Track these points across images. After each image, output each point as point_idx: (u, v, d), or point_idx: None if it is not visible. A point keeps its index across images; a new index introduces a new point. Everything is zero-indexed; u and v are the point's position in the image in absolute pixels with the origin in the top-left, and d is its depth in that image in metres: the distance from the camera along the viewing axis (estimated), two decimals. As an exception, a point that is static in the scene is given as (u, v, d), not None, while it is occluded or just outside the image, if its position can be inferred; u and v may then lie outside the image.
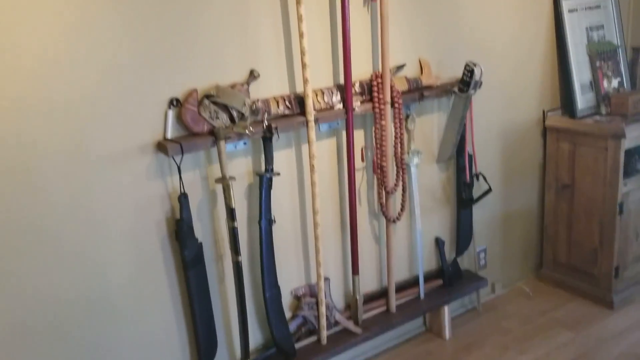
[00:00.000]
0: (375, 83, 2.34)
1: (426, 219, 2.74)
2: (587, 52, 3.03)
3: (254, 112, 2.08)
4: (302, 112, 2.17)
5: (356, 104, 2.30)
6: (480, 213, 2.94)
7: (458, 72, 2.54)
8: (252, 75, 2.07)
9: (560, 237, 3.14)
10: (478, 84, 2.50)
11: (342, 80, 2.28)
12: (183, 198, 1.96)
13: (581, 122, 2.93)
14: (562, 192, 3.06)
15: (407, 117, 2.53)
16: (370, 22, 2.36)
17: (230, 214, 2.04)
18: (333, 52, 2.28)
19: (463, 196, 2.78)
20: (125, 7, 1.80)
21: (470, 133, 2.68)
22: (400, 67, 2.46)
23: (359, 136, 2.43)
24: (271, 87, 2.16)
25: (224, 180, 2.01)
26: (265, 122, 2.07)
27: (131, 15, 1.82)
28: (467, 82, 2.48)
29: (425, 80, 2.52)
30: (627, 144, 2.75)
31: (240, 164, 2.15)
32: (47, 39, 1.70)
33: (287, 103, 2.16)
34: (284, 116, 2.16)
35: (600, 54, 3.07)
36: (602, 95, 3.04)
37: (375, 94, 2.34)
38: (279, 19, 2.11)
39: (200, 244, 2.04)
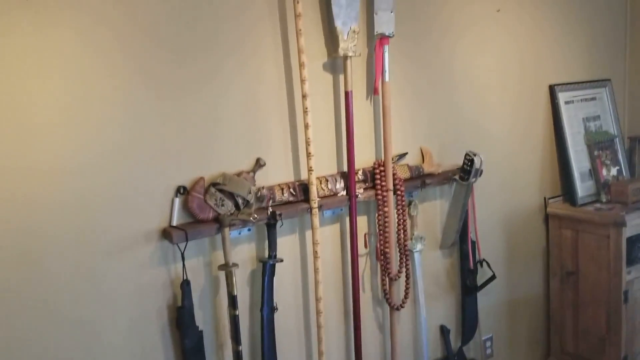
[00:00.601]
0: (377, 171, 2.39)
1: (431, 307, 2.71)
2: (584, 141, 3.11)
3: (259, 199, 2.12)
4: (307, 198, 2.21)
5: (359, 191, 2.34)
6: (485, 300, 2.90)
7: (459, 160, 2.60)
8: (258, 164, 2.13)
9: (567, 325, 3.08)
10: (478, 173, 2.55)
11: (345, 168, 2.34)
12: (185, 285, 1.96)
13: (582, 209, 2.96)
14: (566, 279, 3.03)
15: (410, 203, 2.56)
16: (373, 113, 2.45)
17: (232, 301, 2.03)
18: (337, 141, 2.35)
19: (467, 283, 2.76)
20: (136, 97, 1.89)
21: (472, 220, 2.70)
22: (402, 156, 2.53)
23: (362, 222, 2.46)
24: (276, 174, 2.21)
25: (226, 267, 2.02)
26: (270, 208, 2.11)
27: (142, 105, 1.90)
28: (467, 170, 2.53)
29: (427, 168, 2.57)
30: (628, 232, 2.76)
31: (243, 250, 2.16)
32: (58, 129, 1.77)
33: (291, 190, 2.20)
34: (288, 203, 2.19)
35: (598, 144, 3.15)
36: (601, 184, 3.08)
37: (378, 182, 2.38)
38: (285, 110, 2.20)
39: (201, 332, 2.01)
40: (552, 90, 3.05)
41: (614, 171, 3.19)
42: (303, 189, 2.22)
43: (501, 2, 2.81)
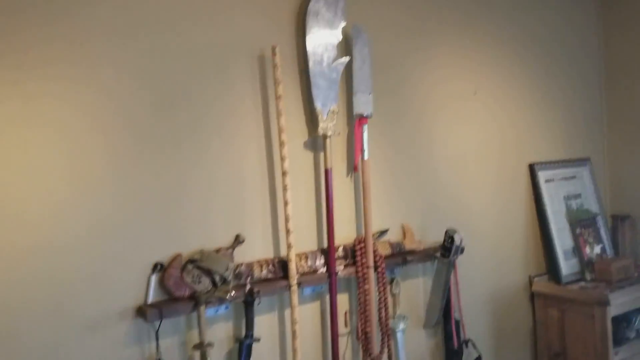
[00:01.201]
0: (358, 247, 2.39)
1: (415, 389, 2.63)
2: (566, 219, 3.14)
3: (237, 276, 2.10)
4: (286, 276, 2.19)
5: (339, 267, 2.33)
6: (472, 382, 2.82)
7: (441, 237, 2.61)
8: (237, 240, 2.13)
9: (558, 409, 2.98)
10: (459, 250, 2.56)
11: (326, 245, 2.34)
12: (158, 366, 1.91)
13: (567, 288, 2.94)
14: (555, 360, 2.97)
15: (392, 281, 2.55)
16: (354, 190, 2.48)
17: (207, 383, 1.97)
18: (317, 217, 2.37)
19: (452, 364, 2.69)
20: (116, 174, 1.92)
21: (456, 298, 2.67)
22: (383, 232, 2.54)
23: (343, 300, 2.43)
24: (255, 251, 2.21)
25: (201, 347, 1.97)
26: (248, 286, 2.09)
27: (121, 182, 1.93)
28: (448, 248, 2.54)
29: (409, 245, 2.58)
30: (613, 311, 2.73)
31: (220, 328, 2.12)
32: (34, 204, 1.79)
33: (270, 267, 2.19)
34: (267, 280, 2.18)
35: (580, 222, 3.18)
36: (585, 262, 3.08)
37: (359, 258, 2.38)
38: (265, 187, 2.23)
39: (173, 416, 1.95)
40: (532, 169, 3.12)
41: (597, 249, 3.20)
42: (282, 266, 2.21)
43: (478, 82, 2.93)
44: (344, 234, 2.42)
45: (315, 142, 2.36)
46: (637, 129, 3.38)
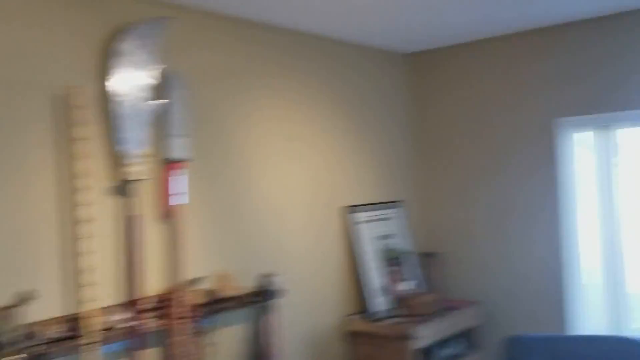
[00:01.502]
0: (169, 297, 2.29)
1: None
2: (379, 258, 3.33)
3: (27, 336, 1.89)
4: (84, 333, 2.02)
5: (148, 320, 2.21)
6: None
7: (258, 283, 2.61)
8: (25, 297, 1.92)
9: None
10: (276, 294, 2.57)
11: (132, 296, 2.20)
12: None
13: (377, 324, 3.08)
14: (370, 397, 3.08)
15: (208, 330, 2.47)
16: (167, 236, 2.39)
17: None
18: (125, 268, 2.23)
19: (270, 410, 2.67)
20: None
21: (274, 343, 2.67)
22: (198, 280, 2.46)
23: (154, 355, 2.30)
24: (48, 307, 2.01)
25: None
26: (36, 348, 1.88)
27: None
28: (264, 292, 2.55)
29: (225, 292, 2.53)
30: (421, 343, 2.92)
31: (1, 399, 1.88)
32: None
33: (65, 325, 2.00)
34: (61, 340, 1.98)
35: (392, 260, 3.39)
36: (396, 298, 3.28)
37: (170, 309, 2.28)
38: (64, 237, 2.06)
39: None
40: (347, 211, 3.26)
41: (408, 285, 3.42)
42: (80, 323, 2.03)
43: (297, 127, 3.01)
44: (156, 284, 2.31)
45: (123, 187, 2.24)
46: (444, 175, 3.72)
